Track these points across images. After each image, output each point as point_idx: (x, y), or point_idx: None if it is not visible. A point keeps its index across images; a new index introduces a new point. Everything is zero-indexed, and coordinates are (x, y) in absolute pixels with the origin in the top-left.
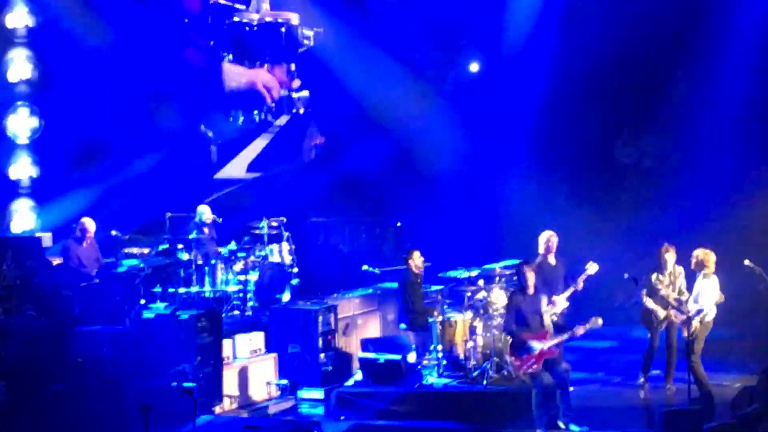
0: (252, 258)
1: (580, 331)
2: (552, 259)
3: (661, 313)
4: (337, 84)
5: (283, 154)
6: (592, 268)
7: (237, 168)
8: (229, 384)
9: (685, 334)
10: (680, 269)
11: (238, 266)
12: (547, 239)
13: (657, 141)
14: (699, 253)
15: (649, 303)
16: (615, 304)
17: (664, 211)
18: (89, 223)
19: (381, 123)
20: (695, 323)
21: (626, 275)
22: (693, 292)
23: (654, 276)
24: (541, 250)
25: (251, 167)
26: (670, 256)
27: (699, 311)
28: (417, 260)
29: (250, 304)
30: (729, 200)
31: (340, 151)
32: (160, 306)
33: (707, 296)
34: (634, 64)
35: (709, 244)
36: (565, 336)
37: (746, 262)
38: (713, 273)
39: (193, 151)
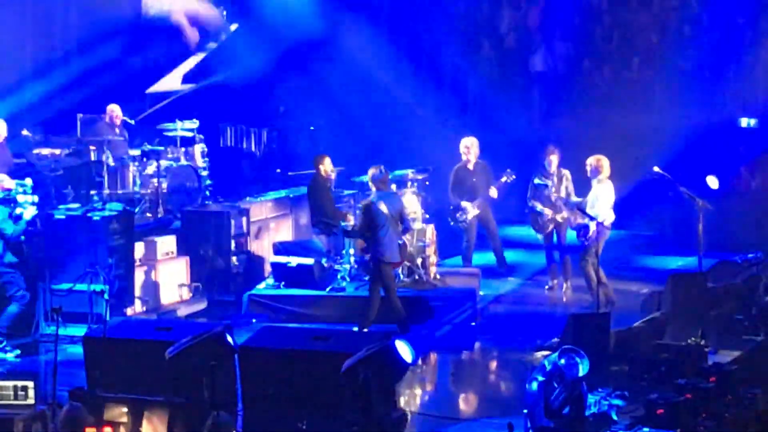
0: (164, 161)
1: (493, 193)
2: (470, 165)
3: (548, 212)
4: None
5: (218, 65)
6: (509, 176)
7: (171, 81)
8: (141, 286)
9: (582, 238)
10: (566, 172)
11: (151, 168)
12: (468, 145)
13: (568, 48)
14: (592, 160)
15: (537, 205)
16: (525, 210)
17: (576, 117)
18: (1, 125)
19: (296, 26)
20: (592, 227)
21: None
22: (589, 197)
23: (537, 178)
24: (463, 156)
25: (186, 79)
26: (554, 158)
27: (593, 217)
28: (327, 165)
29: (162, 206)
30: (636, 108)
31: (253, 55)
32: (72, 207)
33: (603, 201)
34: None
35: (615, 149)
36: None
37: (655, 168)
38: (608, 178)
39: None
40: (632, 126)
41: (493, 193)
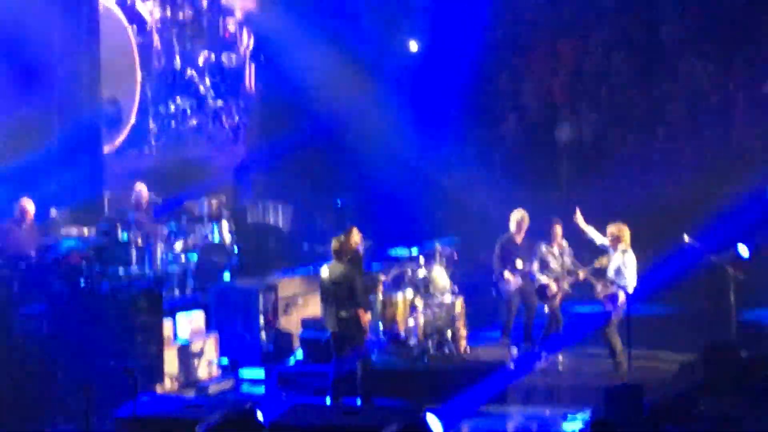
0: (192, 237)
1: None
2: (518, 238)
3: (553, 287)
4: (273, 63)
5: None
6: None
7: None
8: (170, 364)
9: (610, 307)
10: (566, 243)
11: (178, 246)
12: (519, 219)
13: (594, 118)
14: (613, 229)
15: (541, 277)
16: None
17: (601, 187)
18: (29, 205)
19: (320, 101)
20: (621, 296)
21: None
22: (611, 266)
23: (543, 248)
24: (511, 227)
25: None
26: (558, 228)
27: (623, 286)
28: (355, 237)
29: (190, 283)
30: (664, 177)
31: (278, 130)
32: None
33: (630, 270)
34: (572, 41)
35: (644, 219)
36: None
37: (685, 237)
38: (629, 247)
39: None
40: (661, 195)
41: (519, 264)
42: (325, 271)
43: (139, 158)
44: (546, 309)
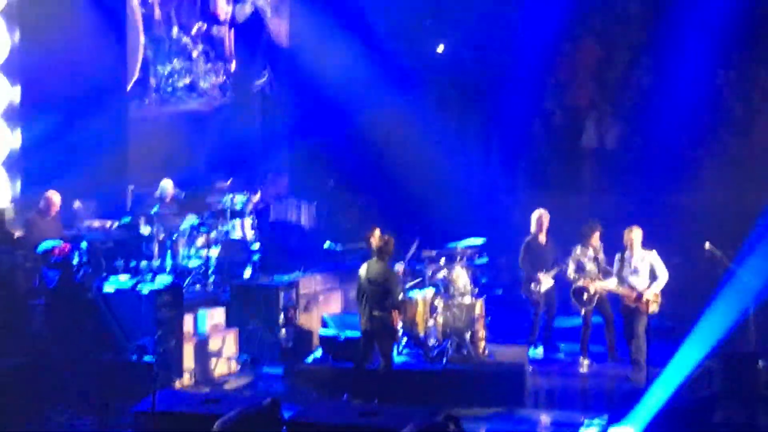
0: (214, 233)
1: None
2: (542, 238)
3: (592, 288)
4: (294, 62)
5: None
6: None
7: None
8: (190, 359)
9: (646, 309)
10: (599, 245)
11: (200, 241)
12: (539, 217)
13: (620, 125)
14: (628, 232)
15: (579, 279)
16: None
17: (625, 193)
18: (55, 197)
19: (343, 100)
20: (646, 297)
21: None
22: (641, 267)
23: (578, 250)
24: (532, 228)
25: None
26: (597, 234)
27: (644, 288)
28: (377, 238)
29: (211, 279)
30: (686, 184)
31: (303, 128)
32: (121, 279)
33: (661, 270)
34: (599, 50)
35: (667, 227)
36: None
37: (707, 245)
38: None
39: None
40: (683, 202)
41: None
42: (363, 269)
43: (140, 108)
44: (582, 312)
